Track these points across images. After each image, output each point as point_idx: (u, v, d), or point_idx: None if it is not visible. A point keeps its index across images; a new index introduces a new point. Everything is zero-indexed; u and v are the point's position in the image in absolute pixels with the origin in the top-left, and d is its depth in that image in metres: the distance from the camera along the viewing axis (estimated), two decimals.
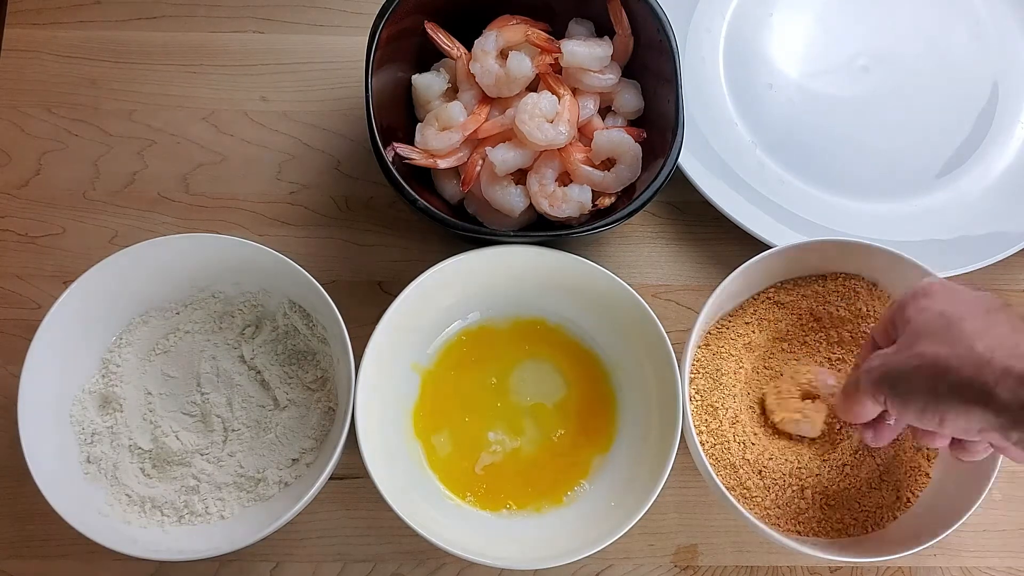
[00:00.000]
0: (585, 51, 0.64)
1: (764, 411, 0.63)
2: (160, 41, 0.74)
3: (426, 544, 0.56)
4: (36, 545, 0.63)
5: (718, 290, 0.60)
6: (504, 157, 0.63)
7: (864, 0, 0.77)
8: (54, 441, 0.59)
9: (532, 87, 0.65)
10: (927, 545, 0.57)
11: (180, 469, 0.61)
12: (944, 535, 0.58)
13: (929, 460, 0.63)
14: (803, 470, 0.61)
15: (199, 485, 0.60)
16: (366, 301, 0.67)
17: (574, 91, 0.65)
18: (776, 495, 0.61)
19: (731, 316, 0.65)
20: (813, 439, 0.63)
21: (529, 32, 0.64)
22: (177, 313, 0.64)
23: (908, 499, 0.62)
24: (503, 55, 0.64)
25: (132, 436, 0.61)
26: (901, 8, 0.78)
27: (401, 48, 0.65)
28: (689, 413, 0.59)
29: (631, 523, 0.57)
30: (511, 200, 0.64)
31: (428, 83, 0.66)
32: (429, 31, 0.65)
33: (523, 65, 0.63)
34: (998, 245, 0.70)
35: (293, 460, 0.61)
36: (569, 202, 0.64)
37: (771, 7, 0.77)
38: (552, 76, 0.65)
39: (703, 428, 0.61)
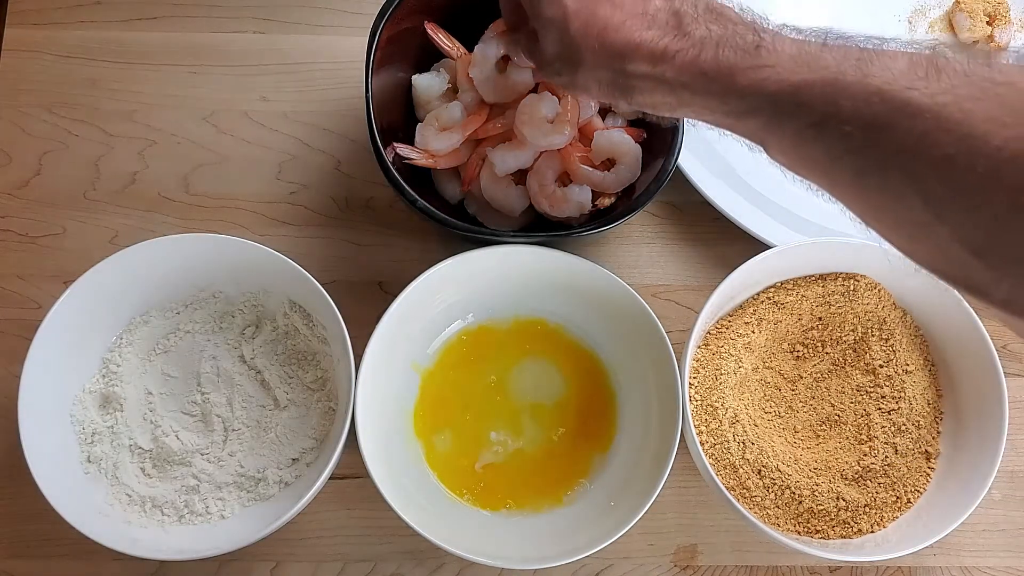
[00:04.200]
0: None
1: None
2: (160, 41, 0.74)
3: (426, 544, 0.56)
4: (36, 545, 0.63)
5: (718, 290, 0.60)
6: (504, 158, 0.63)
7: (864, 0, 0.78)
8: (54, 441, 0.59)
9: (532, 87, 0.65)
10: (927, 545, 0.58)
11: (180, 469, 0.61)
12: (944, 535, 0.58)
13: (929, 460, 0.63)
14: (803, 469, 0.62)
15: (199, 485, 0.60)
16: (366, 301, 0.67)
17: None
18: (776, 495, 0.61)
19: (731, 316, 0.65)
20: (814, 440, 0.64)
21: None
22: (177, 313, 0.64)
23: (908, 499, 0.62)
24: (504, 60, 0.64)
25: (132, 436, 0.61)
26: (901, 7, 0.78)
27: (401, 48, 0.65)
28: (689, 413, 0.59)
29: (631, 523, 0.57)
30: (511, 200, 0.64)
31: (428, 83, 0.66)
32: (429, 31, 0.65)
33: (524, 76, 0.62)
34: None
35: (293, 460, 0.61)
36: (569, 202, 0.64)
37: (772, 7, 0.77)
38: None
39: (703, 428, 0.62)
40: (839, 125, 0.39)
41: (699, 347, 0.64)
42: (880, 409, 0.64)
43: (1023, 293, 0.36)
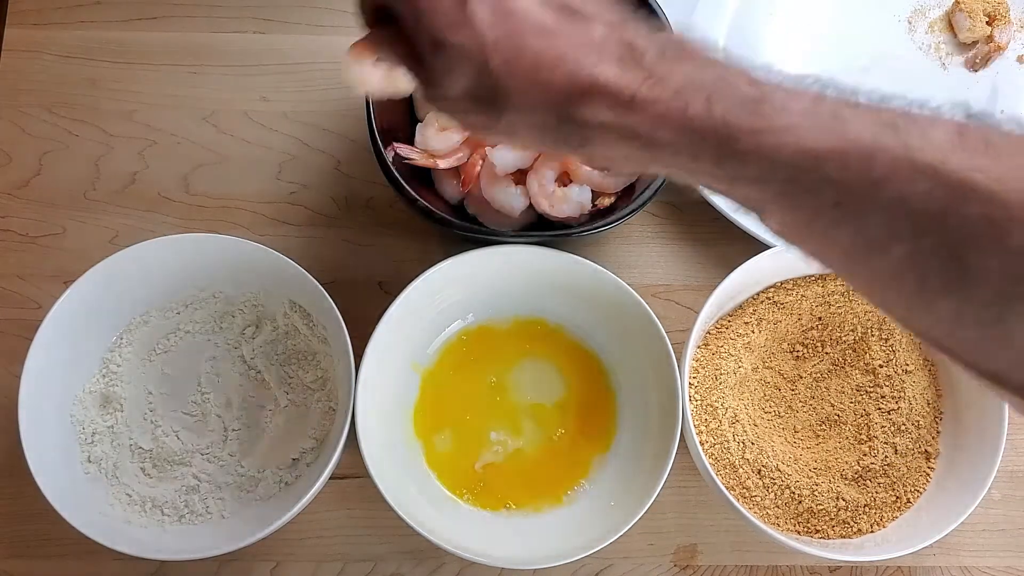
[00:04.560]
0: None
1: None
2: (160, 41, 0.74)
3: (426, 544, 0.56)
4: (36, 545, 0.63)
5: (718, 290, 0.60)
6: (504, 157, 0.63)
7: (864, 0, 0.78)
8: (54, 441, 0.59)
9: None
10: (927, 545, 0.58)
11: (180, 469, 0.61)
12: (944, 535, 0.58)
13: (929, 460, 0.63)
14: (802, 469, 0.62)
15: (199, 485, 0.60)
16: (366, 301, 0.67)
17: None
18: (776, 495, 0.61)
19: (731, 316, 0.65)
20: (814, 440, 0.64)
21: None
22: (177, 313, 0.64)
23: (908, 499, 0.62)
24: None
25: (132, 436, 0.61)
26: (901, 7, 0.78)
27: None
28: (689, 413, 0.59)
29: (631, 523, 0.57)
30: (511, 200, 0.64)
31: None
32: None
33: None
34: None
35: (293, 460, 0.61)
36: (569, 202, 0.64)
37: (772, 7, 0.77)
38: None
39: (703, 428, 0.62)
40: (881, 209, 0.33)
41: (699, 347, 0.64)
42: (880, 409, 0.64)
43: None
